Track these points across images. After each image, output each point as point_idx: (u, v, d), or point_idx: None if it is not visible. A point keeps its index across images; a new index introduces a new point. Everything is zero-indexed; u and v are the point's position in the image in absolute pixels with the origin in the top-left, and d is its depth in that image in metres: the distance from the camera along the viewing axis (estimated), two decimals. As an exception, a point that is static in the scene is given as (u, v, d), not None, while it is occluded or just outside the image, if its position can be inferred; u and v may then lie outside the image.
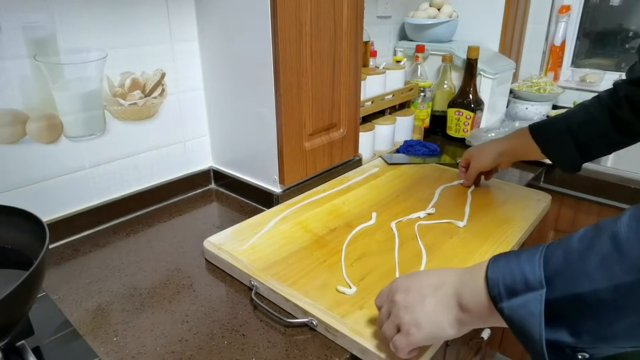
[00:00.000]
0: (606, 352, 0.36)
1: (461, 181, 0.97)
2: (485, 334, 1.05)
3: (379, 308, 0.52)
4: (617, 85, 0.78)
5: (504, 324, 0.39)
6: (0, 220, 0.54)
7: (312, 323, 0.59)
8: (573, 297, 0.34)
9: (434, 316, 0.44)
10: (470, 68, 1.26)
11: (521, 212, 0.84)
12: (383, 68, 1.18)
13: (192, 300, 0.65)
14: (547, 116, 1.52)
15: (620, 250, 0.32)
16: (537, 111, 1.51)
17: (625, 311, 0.32)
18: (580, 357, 0.36)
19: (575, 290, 0.34)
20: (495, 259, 0.41)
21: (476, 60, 1.25)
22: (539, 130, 0.83)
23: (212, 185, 1.03)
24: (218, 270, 0.72)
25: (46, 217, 0.78)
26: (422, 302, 0.45)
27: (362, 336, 0.54)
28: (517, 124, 1.44)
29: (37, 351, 0.54)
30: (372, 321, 0.57)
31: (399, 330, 0.47)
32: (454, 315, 0.44)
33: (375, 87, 1.12)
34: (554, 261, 0.36)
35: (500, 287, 0.38)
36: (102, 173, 0.84)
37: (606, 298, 0.32)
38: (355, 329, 0.56)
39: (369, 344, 0.53)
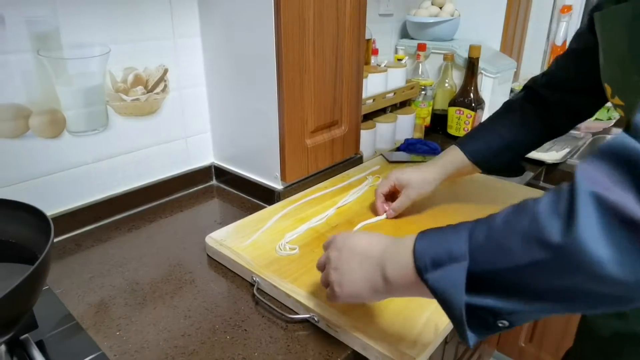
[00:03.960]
0: (526, 319, 0.38)
1: (381, 217, 0.81)
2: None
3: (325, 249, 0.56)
4: (544, 94, 0.78)
5: (427, 295, 0.40)
6: (5, 214, 0.54)
7: (313, 319, 0.59)
8: (495, 271, 0.36)
9: (356, 284, 0.49)
10: (471, 67, 1.26)
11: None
12: (385, 66, 1.18)
13: (194, 296, 0.66)
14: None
15: (538, 230, 0.33)
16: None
17: (545, 282, 0.34)
18: (500, 324, 0.37)
19: (497, 265, 0.36)
20: (424, 233, 0.42)
21: (477, 59, 1.26)
22: (475, 152, 0.80)
23: (214, 182, 1.03)
24: (220, 266, 0.73)
25: (48, 212, 0.76)
26: (349, 268, 0.49)
27: (363, 332, 0.55)
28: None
29: (40, 345, 0.55)
30: (374, 318, 0.58)
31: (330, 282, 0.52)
32: (375, 286, 0.47)
33: (376, 85, 1.12)
34: (477, 236, 0.38)
35: (426, 259, 0.40)
36: (104, 168, 0.84)
37: (525, 272, 0.34)
38: (356, 325, 0.56)
39: (371, 340, 0.54)
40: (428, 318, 0.58)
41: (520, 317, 0.37)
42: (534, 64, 1.66)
